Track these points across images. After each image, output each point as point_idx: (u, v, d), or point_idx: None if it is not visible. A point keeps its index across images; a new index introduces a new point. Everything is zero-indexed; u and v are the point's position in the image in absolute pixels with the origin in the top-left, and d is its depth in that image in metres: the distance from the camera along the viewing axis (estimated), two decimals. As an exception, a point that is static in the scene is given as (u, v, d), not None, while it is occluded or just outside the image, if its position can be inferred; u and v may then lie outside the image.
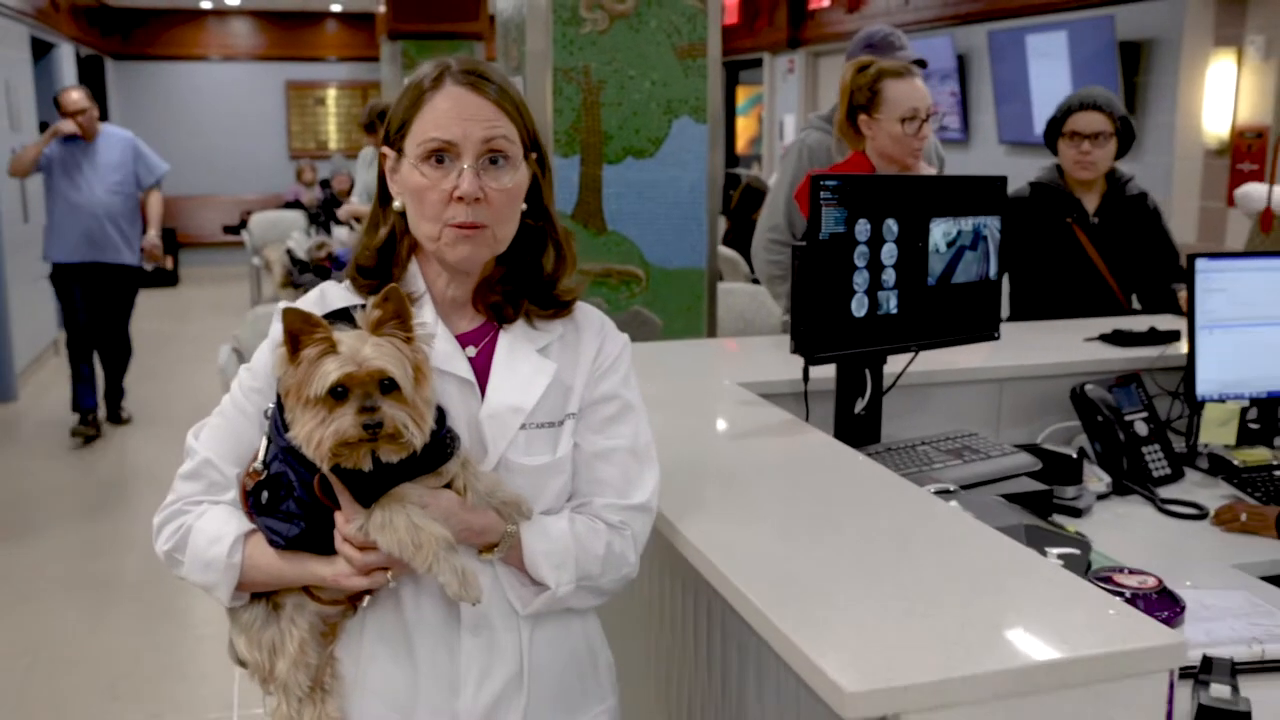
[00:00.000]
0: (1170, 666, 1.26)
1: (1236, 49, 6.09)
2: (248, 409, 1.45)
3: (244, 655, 1.45)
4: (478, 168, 1.40)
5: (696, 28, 4.18)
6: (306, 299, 1.49)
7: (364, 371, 1.27)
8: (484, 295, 1.49)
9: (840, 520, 1.69)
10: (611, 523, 1.47)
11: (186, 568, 1.43)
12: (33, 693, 3.66)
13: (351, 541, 1.34)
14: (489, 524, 1.40)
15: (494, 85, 1.43)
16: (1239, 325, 2.49)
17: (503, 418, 1.44)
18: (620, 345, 1.55)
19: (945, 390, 2.64)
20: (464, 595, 1.32)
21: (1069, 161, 3.52)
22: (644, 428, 1.54)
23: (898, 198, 2.14)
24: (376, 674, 1.45)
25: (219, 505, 1.44)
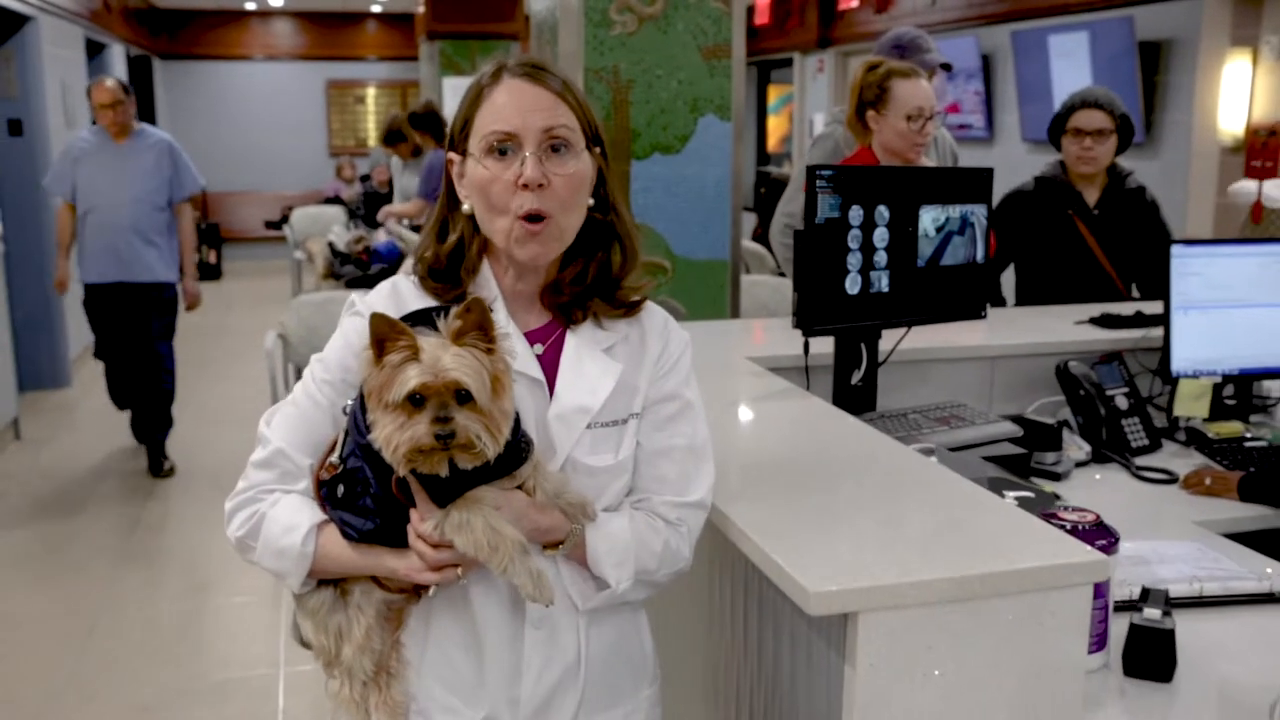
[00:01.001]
0: (1091, 580, 1.47)
1: (1252, 49, 6.23)
2: (320, 400, 1.47)
3: (310, 639, 1.48)
4: (540, 155, 1.41)
5: (721, 29, 4.39)
6: (379, 291, 1.52)
7: (440, 382, 1.29)
8: (553, 295, 1.51)
9: (829, 469, 1.91)
10: (669, 519, 1.51)
11: (259, 554, 1.45)
12: (89, 654, 3.93)
13: (426, 539, 1.37)
14: (555, 523, 1.43)
15: (553, 76, 1.45)
16: (1213, 307, 2.68)
17: (570, 418, 1.47)
18: (682, 345, 1.57)
19: (941, 366, 2.84)
20: (537, 597, 1.36)
21: (1071, 157, 3.71)
22: (702, 426, 1.56)
23: (889, 187, 2.35)
24: (441, 660, 1.49)
25: (292, 494, 1.46)
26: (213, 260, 13.19)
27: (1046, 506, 1.76)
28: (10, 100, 7.13)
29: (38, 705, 3.55)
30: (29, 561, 4.77)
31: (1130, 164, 3.83)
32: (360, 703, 1.47)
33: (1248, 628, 1.80)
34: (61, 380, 7.62)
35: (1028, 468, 2.44)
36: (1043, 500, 1.80)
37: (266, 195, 14.32)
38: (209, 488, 5.65)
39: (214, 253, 13.22)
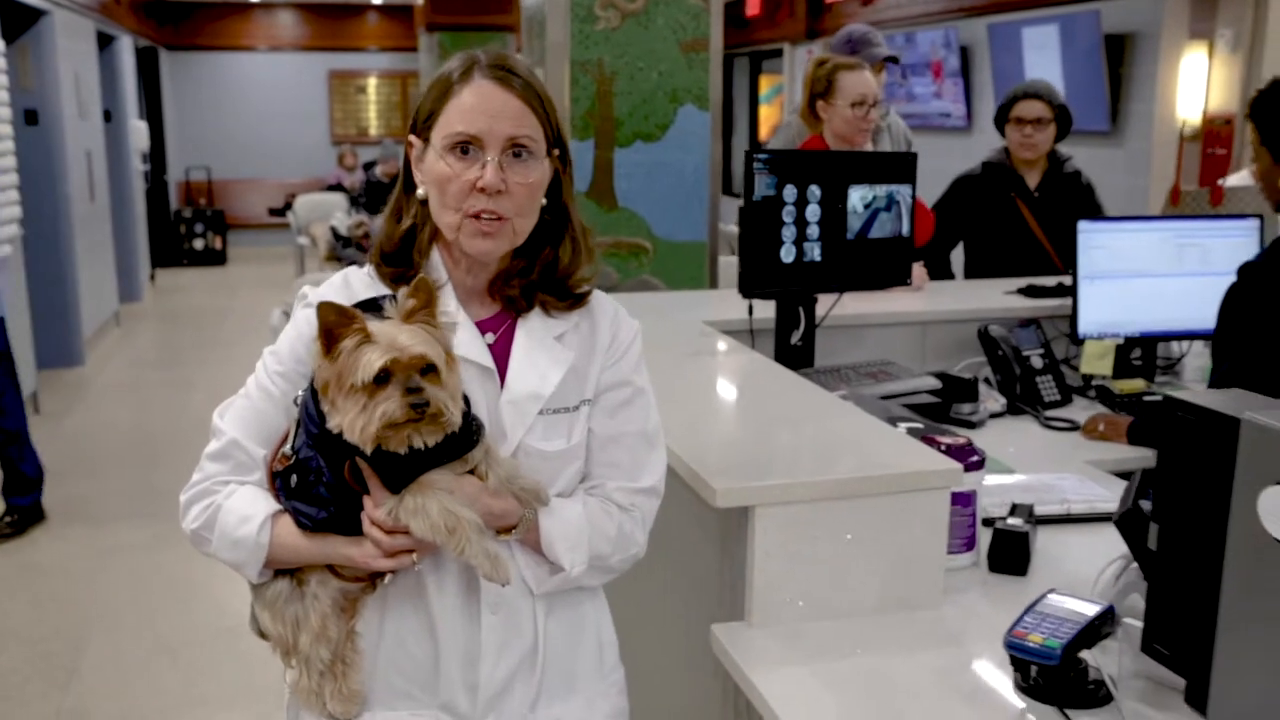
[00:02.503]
0: (947, 485, 1.80)
1: (1208, 42, 6.54)
2: (273, 391, 1.48)
3: (267, 629, 1.49)
4: (501, 160, 1.43)
5: (700, 24, 4.73)
6: (330, 284, 1.54)
7: (407, 357, 1.32)
8: (501, 287, 1.53)
9: (754, 407, 2.25)
10: (622, 505, 1.54)
11: (215, 545, 1.46)
12: (111, 598, 4.29)
13: (380, 525, 1.39)
14: (508, 508, 1.44)
15: (520, 80, 1.46)
16: (1115, 277, 3.02)
17: (521, 404, 1.49)
18: (632, 333, 1.60)
19: (877, 330, 3.18)
20: (494, 576, 1.38)
21: (1014, 143, 4.04)
22: (653, 412, 1.59)
23: (820, 168, 2.69)
24: (397, 648, 1.51)
25: (246, 485, 1.47)
26: (218, 246, 13.53)
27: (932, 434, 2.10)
28: (26, 91, 7.45)
29: (67, 642, 3.90)
30: (55, 522, 5.12)
31: (1097, 151, 4.16)
32: (317, 692, 1.48)
33: (1104, 540, 2.13)
34: (76, 359, 7.96)
35: (947, 416, 2.78)
36: (931, 430, 2.14)
37: (270, 183, 14.64)
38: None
39: (219, 239, 13.55)
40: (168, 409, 7.02)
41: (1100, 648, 1.60)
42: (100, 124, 9.39)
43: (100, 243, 9.05)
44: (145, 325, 9.89)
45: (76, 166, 8.16)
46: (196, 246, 13.42)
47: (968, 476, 1.91)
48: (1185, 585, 1.35)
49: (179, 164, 14.27)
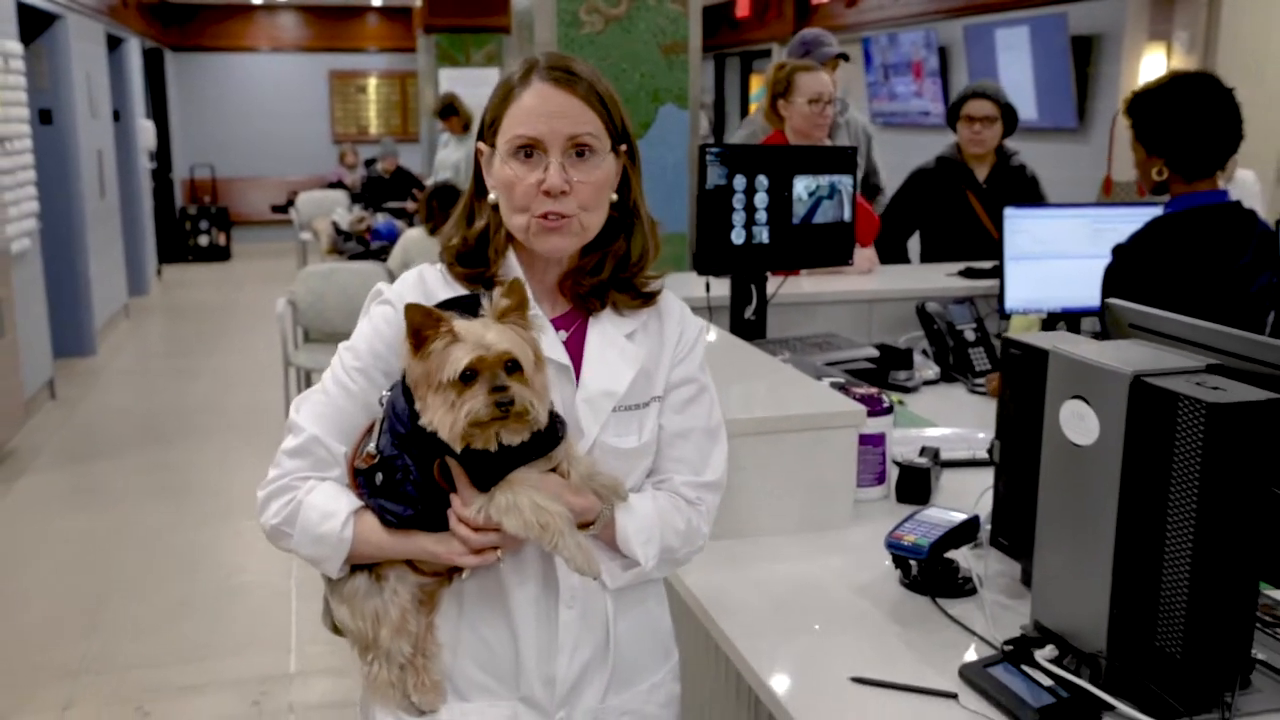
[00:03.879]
0: (853, 425, 2.14)
1: (1166, 43, 6.87)
2: (352, 388, 1.49)
3: (347, 624, 1.50)
4: (564, 161, 1.44)
5: (679, 28, 5.05)
6: (405, 281, 1.55)
7: (492, 355, 1.33)
8: (573, 285, 1.54)
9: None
10: (689, 499, 1.56)
11: (296, 540, 1.47)
12: (128, 565, 4.62)
13: (470, 523, 1.40)
14: (589, 505, 1.46)
15: (580, 80, 1.47)
16: (1038, 258, 3.35)
17: (596, 402, 1.50)
18: (698, 330, 1.63)
19: (828, 307, 3.52)
20: (586, 569, 1.39)
21: (965, 139, 4.38)
22: (716, 408, 1.63)
23: (767, 161, 3.02)
24: (476, 642, 1.52)
25: (326, 481, 1.48)
26: (223, 242, 13.86)
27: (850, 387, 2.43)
28: (42, 91, 7.78)
29: (87, 600, 4.24)
30: (72, 495, 5.47)
31: (1065, 147, 4.50)
32: (398, 685, 1.49)
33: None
34: (89, 349, 8.30)
35: (884, 382, 3.11)
36: (851, 384, 2.47)
37: (273, 180, 14.98)
38: (228, 435, 6.35)
39: (224, 235, 13.88)
40: (176, 394, 7.36)
41: (977, 555, 1.94)
42: (110, 123, 9.73)
43: (110, 238, 9.39)
44: (153, 318, 10.23)
45: (88, 164, 8.50)
46: (201, 243, 13.75)
47: (875, 420, 2.25)
48: (1017, 487, 1.69)
49: (184, 162, 14.60)
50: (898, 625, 1.78)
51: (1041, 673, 1.55)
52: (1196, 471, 1.35)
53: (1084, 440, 1.50)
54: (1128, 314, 1.80)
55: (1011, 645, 1.63)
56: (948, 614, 1.79)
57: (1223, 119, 2.80)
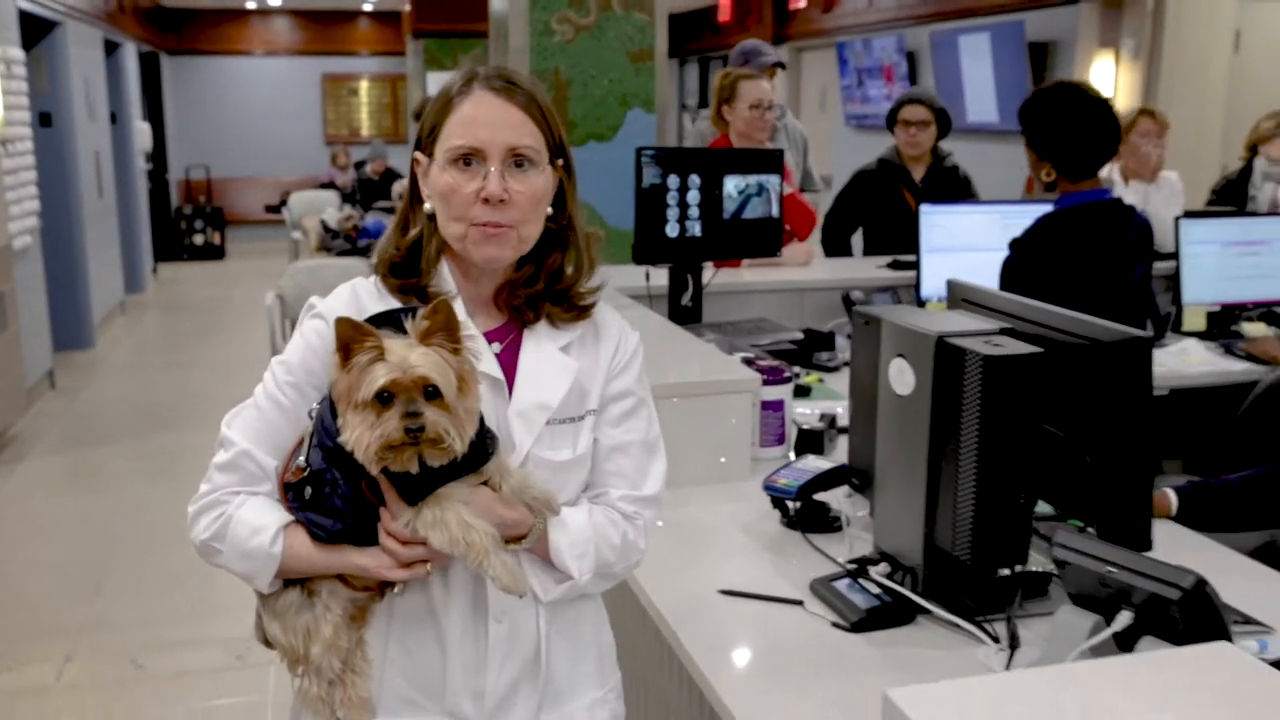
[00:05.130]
0: (749, 390, 2.47)
1: (1115, 50, 7.21)
2: (283, 402, 1.48)
3: (278, 639, 1.49)
4: (503, 170, 1.45)
5: (646, 37, 5.39)
6: (338, 296, 1.54)
7: (409, 378, 1.32)
8: (507, 297, 1.54)
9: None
10: (626, 513, 1.56)
11: (225, 556, 1.46)
12: (125, 538, 4.95)
13: (397, 537, 1.41)
14: (520, 518, 1.46)
15: (522, 91, 1.48)
16: (952, 250, 3.69)
17: (530, 415, 1.50)
18: (634, 344, 1.63)
19: (764, 295, 3.85)
20: (513, 588, 1.41)
21: (902, 142, 4.72)
22: (654, 422, 1.63)
23: (698, 162, 3.35)
24: (404, 656, 1.51)
25: (257, 496, 1.47)
26: (217, 241, 14.19)
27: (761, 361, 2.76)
28: (41, 96, 8.11)
29: (89, 570, 4.57)
30: (73, 477, 5.80)
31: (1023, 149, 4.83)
32: (327, 700, 1.49)
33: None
34: (87, 342, 8.62)
35: (809, 361, 3.45)
36: (759, 358, 2.80)
37: (266, 181, 15.29)
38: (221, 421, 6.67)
39: (218, 234, 14.21)
40: (172, 385, 7.69)
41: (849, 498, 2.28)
42: (107, 126, 10.05)
43: (108, 236, 9.72)
44: (149, 314, 10.56)
45: (87, 165, 8.82)
46: (196, 242, 14.07)
47: (774, 389, 2.58)
48: (863, 436, 2.02)
49: (179, 163, 14.92)
50: (771, 554, 2.12)
51: (875, 585, 1.89)
52: (978, 411, 1.68)
53: (904, 391, 1.83)
54: (960, 290, 2.13)
55: (854, 564, 1.96)
56: (813, 545, 2.13)
57: (1102, 126, 3.11)
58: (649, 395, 1.64)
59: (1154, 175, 4.76)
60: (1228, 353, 3.76)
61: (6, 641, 3.97)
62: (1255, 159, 5.48)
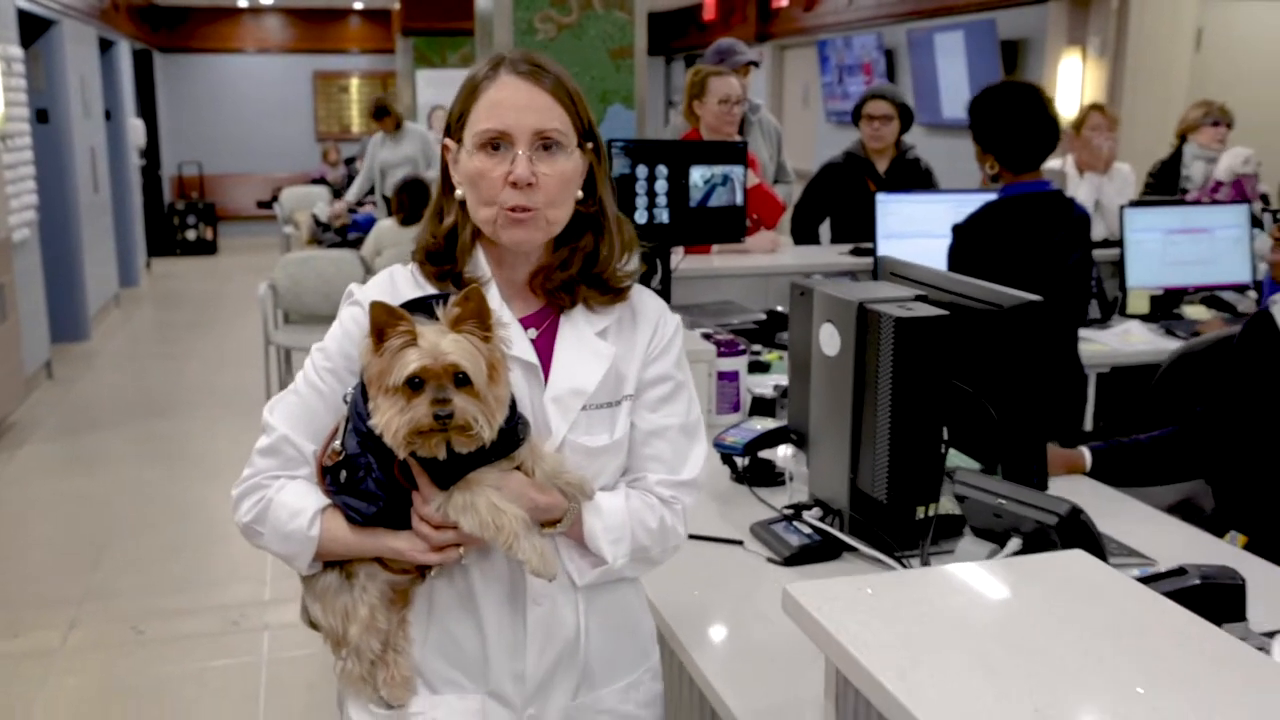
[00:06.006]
0: (706, 361, 2.69)
1: (1082, 47, 7.45)
2: (322, 388, 1.50)
3: (319, 620, 1.53)
4: (530, 154, 1.45)
5: (626, 35, 5.61)
6: (376, 282, 1.56)
7: (439, 365, 1.33)
8: (542, 282, 1.54)
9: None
10: (664, 497, 1.56)
11: (267, 538, 1.49)
12: (123, 516, 5.16)
13: (429, 521, 1.43)
14: (554, 502, 1.47)
15: (549, 75, 1.49)
16: (905, 236, 3.91)
17: (565, 400, 1.50)
18: (674, 328, 1.62)
19: (731, 280, 4.08)
20: (543, 571, 1.42)
21: (866, 136, 4.95)
22: (694, 405, 1.62)
23: (665, 153, 3.57)
24: (444, 638, 1.53)
25: (296, 480, 1.50)
26: (209, 237, 14.38)
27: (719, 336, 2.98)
28: (39, 93, 8.30)
29: (89, 546, 4.77)
30: (72, 461, 6.00)
31: None
32: (369, 679, 1.52)
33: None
34: (83, 334, 8.81)
35: (771, 340, 3.67)
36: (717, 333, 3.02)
37: (258, 177, 15.47)
38: (214, 408, 6.89)
39: (211, 230, 14.39)
40: (166, 375, 7.89)
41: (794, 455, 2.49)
42: (102, 122, 10.24)
43: (102, 231, 9.91)
44: (143, 307, 10.75)
45: (82, 161, 9.01)
46: (189, 237, 14.26)
47: (729, 360, 2.81)
48: (799, 394, 2.24)
49: (172, 160, 15.10)
50: (719, 504, 2.34)
51: (807, 526, 2.11)
52: (891, 368, 1.90)
53: (832, 352, 2.06)
54: (888, 264, 2.36)
55: (790, 509, 2.19)
56: (757, 495, 2.35)
57: (1042, 122, 3.32)
58: (689, 378, 1.63)
59: (1106, 167, 4.99)
60: (1168, 333, 3.99)
61: (13, 610, 4.18)
62: (1184, 145, 5.81)
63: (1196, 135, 5.77)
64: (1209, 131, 5.84)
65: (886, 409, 1.92)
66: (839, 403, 2.04)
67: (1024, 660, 1.20)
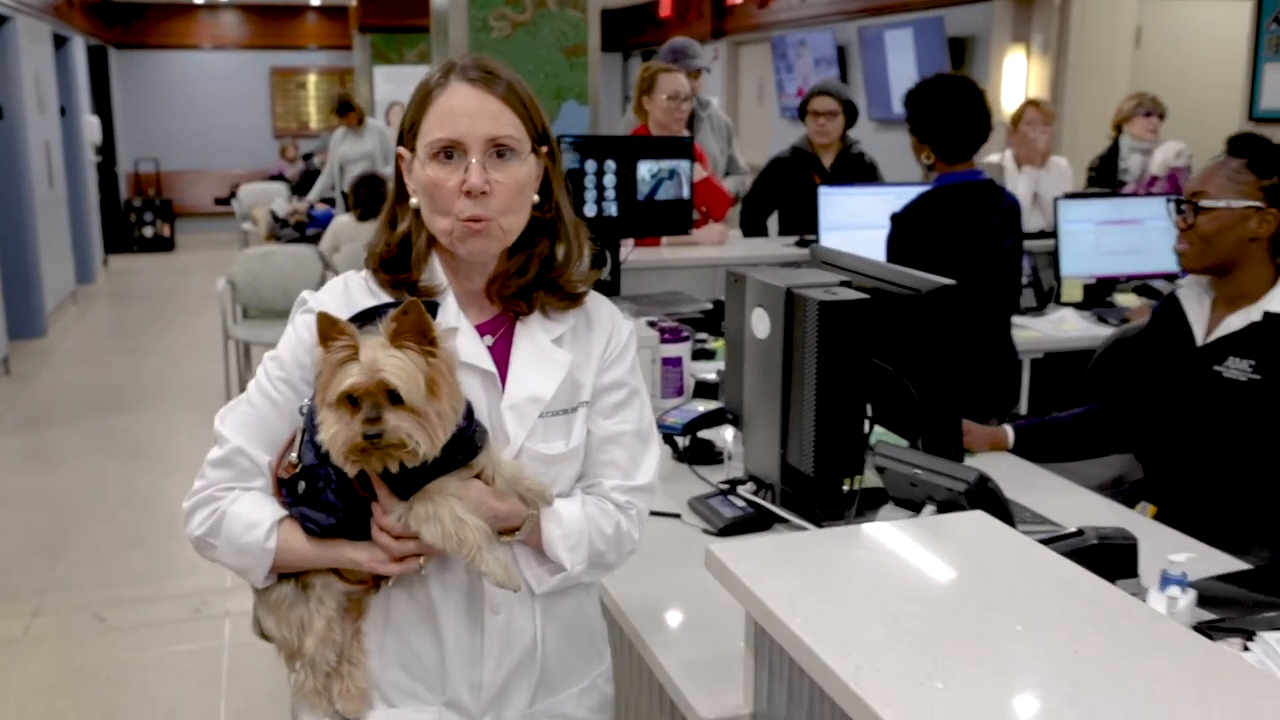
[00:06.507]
0: (650, 347, 2.81)
1: (1026, 44, 7.63)
2: (276, 397, 1.48)
3: (271, 633, 1.51)
4: (484, 161, 1.43)
5: (579, 33, 5.71)
6: (329, 290, 1.55)
7: (372, 382, 1.31)
8: (499, 289, 1.53)
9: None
10: (619, 503, 1.56)
11: (220, 551, 1.47)
12: (84, 508, 5.22)
13: (390, 531, 1.42)
14: (514, 510, 1.46)
15: (500, 81, 1.47)
16: (849, 227, 4.05)
17: (523, 408, 1.50)
18: (627, 334, 1.63)
19: (679, 271, 4.20)
20: (506, 583, 1.42)
21: (812, 131, 5.09)
22: (647, 411, 1.62)
23: (613, 148, 3.69)
24: (402, 648, 1.53)
25: (250, 491, 1.48)
26: (167, 234, 14.35)
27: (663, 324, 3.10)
28: (-7, 89, 8.31)
29: (51, 537, 4.83)
30: (32, 455, 6.04)
31: None
32: (324, 693, 1.50)
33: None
34: (39, 330, 8.81)
35: (716, 329, 3.79)
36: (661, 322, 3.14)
37: (216, 174, 15.44)
38: (173, 403, 6.94)
39: (168, 227, 14.36)
40: (124, 370, 7.91)
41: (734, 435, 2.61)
42: (57, 118, 10.22)
43: (58, 226, 9.90)
44: (100, 303, 10.74)
45: (37, 157, 9.00)
46: (146, 234, 14.22)
47: (673, 346, 2.92)
48: (735, 376, 2.37)
49: (129, 157, 15.03)
50: (662, 483, 2.44)
51: (741, 499, 2.24)
52: (816, 348, 2.03)
53: (763, 335, 2.18)
54: (819, 253, 2.49)
55: (726, 484, 2.31)
56: (696, 473, 2.47)
57: (975, 113, 3.46)
58: (642, 385, 1.64)
59: (1043, 160, 5.16)
60: (1100, 320, 4.16)
61: (-26, 601, 4.24)
62: (1120, 137, 6.00)
63: (1130, 126, 5.98)
64: (1141, 122, 6.04)
65: (812, 387, 2.04)
66: (770, 383, 2.17)
67: (920, 606, 1.33)
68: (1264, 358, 2.29)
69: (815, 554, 1.50)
